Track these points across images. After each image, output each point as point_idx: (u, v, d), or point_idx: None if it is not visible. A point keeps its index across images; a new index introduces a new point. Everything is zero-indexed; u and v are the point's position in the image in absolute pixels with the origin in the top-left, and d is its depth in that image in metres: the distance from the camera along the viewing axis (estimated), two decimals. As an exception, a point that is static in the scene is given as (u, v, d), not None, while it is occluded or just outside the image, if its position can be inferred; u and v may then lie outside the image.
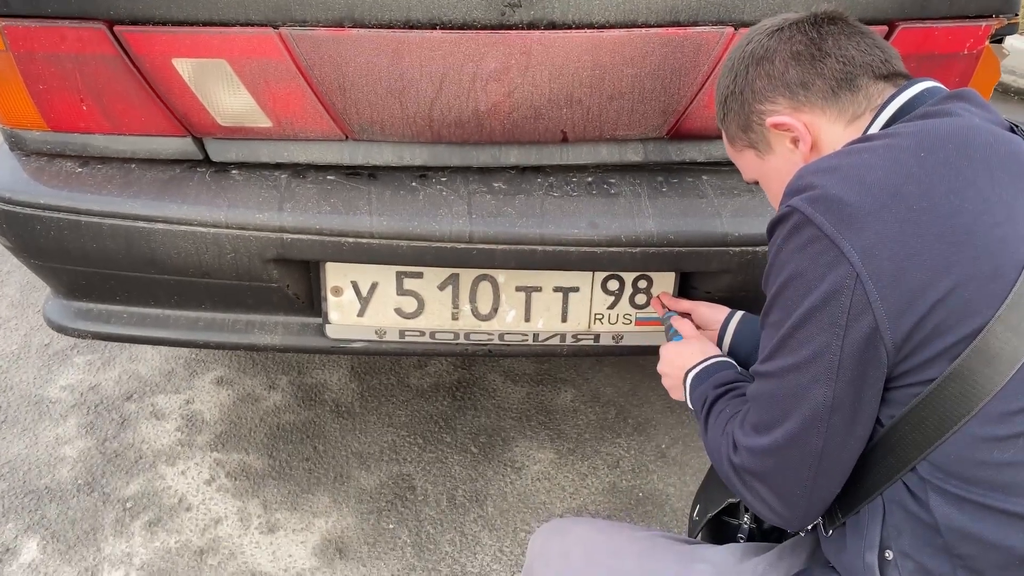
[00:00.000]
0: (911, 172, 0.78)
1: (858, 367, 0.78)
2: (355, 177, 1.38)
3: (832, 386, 0.79)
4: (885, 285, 0.75)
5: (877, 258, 0.75)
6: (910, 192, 0.77)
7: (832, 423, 0.80)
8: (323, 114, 1.31)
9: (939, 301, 0.75)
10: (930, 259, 0.75)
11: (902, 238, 0.75)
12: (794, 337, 0.80)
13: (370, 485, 1.79)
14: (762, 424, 0.85)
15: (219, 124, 1.33)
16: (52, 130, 1.37)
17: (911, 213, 0.76)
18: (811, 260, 0.78)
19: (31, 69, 1.30)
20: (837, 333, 0.77)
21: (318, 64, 1.26)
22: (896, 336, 0.76)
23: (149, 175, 1.36)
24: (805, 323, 0.79)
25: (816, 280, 0.78)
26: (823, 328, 0.78)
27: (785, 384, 0.82)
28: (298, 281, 1.41)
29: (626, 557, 1.03)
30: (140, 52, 1.27)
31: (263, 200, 1.32)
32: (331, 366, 2.15)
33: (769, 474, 0.85)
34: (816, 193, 0.79)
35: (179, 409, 2.00)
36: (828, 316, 0.77)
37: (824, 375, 0.78)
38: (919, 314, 0.75)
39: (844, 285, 0.76)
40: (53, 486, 1.78)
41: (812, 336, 0.79)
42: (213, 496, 1.76)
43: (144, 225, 1.32)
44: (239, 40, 1.25)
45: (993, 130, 0.83)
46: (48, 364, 2.15)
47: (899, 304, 0.75)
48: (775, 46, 0.95)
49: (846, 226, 0.77)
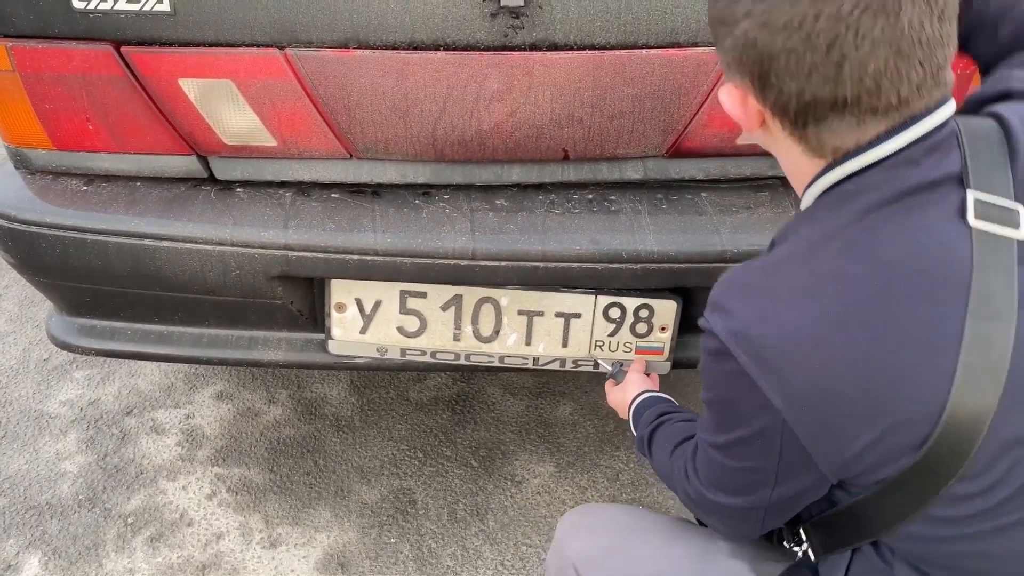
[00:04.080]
0: (834, 320, 0.73)
1: (798, 478, 0.82)
2: (359, 195, 1.39)
3: (772, 489, 0.84)
4: (811, 434, 0.76)
5: (800, 408, 0.75)
6: (832, 344, 0.73)
7: (777, 505, 0.87)
8: (328, 133, 1.33)
9: (868, 447, 0.74)
10: (853, 412, 0.73)
11: (823, 393, 0.74)
12: (734, 450, 0.85)
13: (371, 499, 1.80)
14: (715, 485, 0.91)
15: (224, 143, 1.35)
16: (58, 149, 1.38)
17: (833, 367, 0.73)
18: (738, 393, 0.79)
19: (37, 89, 1.31)
20: (773, 457, 0.81)
21: (323, 84, 1.28)
22: (831, 469, 0.78)
23: (154, 193, 1.38)
24: (741, 445, 0.83)
25: (747, 415, 0.80)
26: (758, 453, 0.82)
27: (731, 475, 0.88)
28: (302, 298, 1.42)
29: (652, 533, 1.06)
30: (146, 73, 1.28)
31: (268, 218, 1.33)
32: (331, 380, 2.16)
33: (721, 515, 0.94)
34: (735, 325, 0.77)
35: (179, 424, 2.01)
36: (761, 447, 0.81)
37: (763, 481, 0.84)
38: (851, 455, 0.75)
39: (774, 426, 0.78)
40: (54, 502, 1.78)
41: (749, 455, 0.83)
42: (215, 511, 1.77)
43: (149, 243, 1.33)
44: (245, 61, 1.27)
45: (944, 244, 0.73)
46: (47, 379, 2.15)
47: (828, 449, 0.77)
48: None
49: (768, 372, 0.75)
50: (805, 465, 0.79)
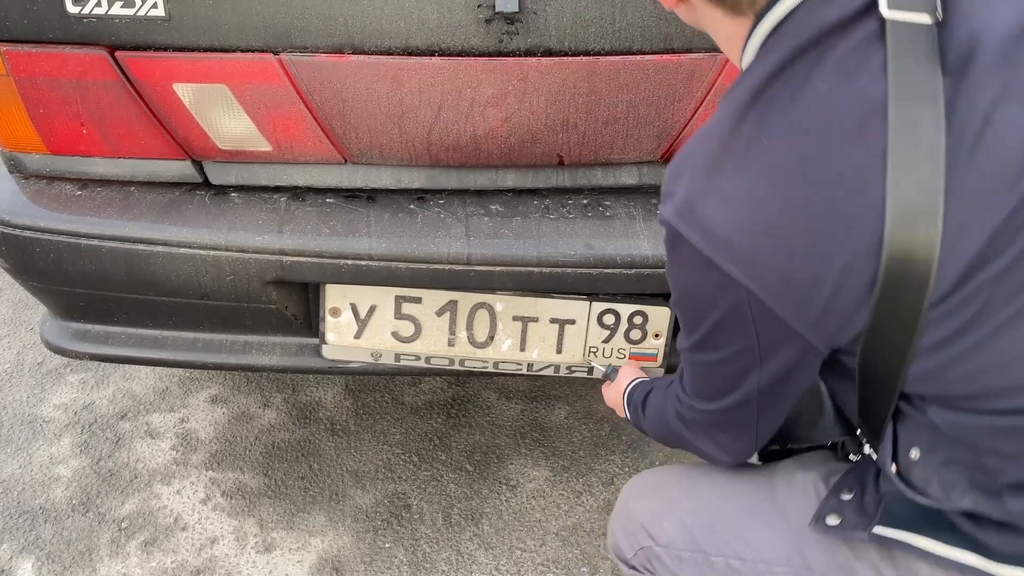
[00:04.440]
0: (770, 177, 0.73)
1: (781, 350, 0.81)
2: (354, 200, 1.39)
3: (758, 371, 0.84)
4: (776, 295, 0.75)
5: (758, 271, 0.75)
6: (772, 201, 0.73)
7: (768, 393, 0.87)
8: (323, 138, 1.33)
9: (833, 294, 0.73)
10: (807, 262, 0.73)
11: (774, 250, 0.74)
12: (711, 340, 0.85)
13: (366, 504, 1.80)
14: (703, 394, 0.93)
15: (219, 148, 1.35)
16: (52, 153, 1.38)
17: (777, 223, 0.73)
18: (699, 277, 0.79)
19: (32, 93, 1.31)
20: (749, 335, 0.80)
21: (318, 89, 1.28)
22: (807, 327, 0.77)
23: (149, 198, 1.37)
24: (716, 332, 0.83)
25: (712, 298, 0.80)
26: (735, 335, 0.82)
27: (716, 372, 0.89)
28: (296, 302, 1.42)
29: (716, 476, 1.07)
30: (141, 78, 1.28)
31: (263, 223, 1.33)
32: (325, 384, 2.16)
33: (717, 426, 0.95)
34: (679, 206, 0.77)
35: (174, 428, 2.00)
36: (736, 326, 0.80)
37: (748, 366, 0.84)
38: (821, 306, 0.74)
39: (740, 300, 0.77)
40: (48, 506, 1.78)
41: (727, 341, 0.83)
42: (209, 515, 1.76)
43: (144, 248, 1.33)
44: (240, 66, 1.27)
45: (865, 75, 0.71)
46: (41, 383, 2.15)
47: (797, 306, 0.75)
48: None
49: (719, 244, 0.75)
50: (783, 335, 0.79)
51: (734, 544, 0.99)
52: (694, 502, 1.06)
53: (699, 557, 1.02)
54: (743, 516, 1.01)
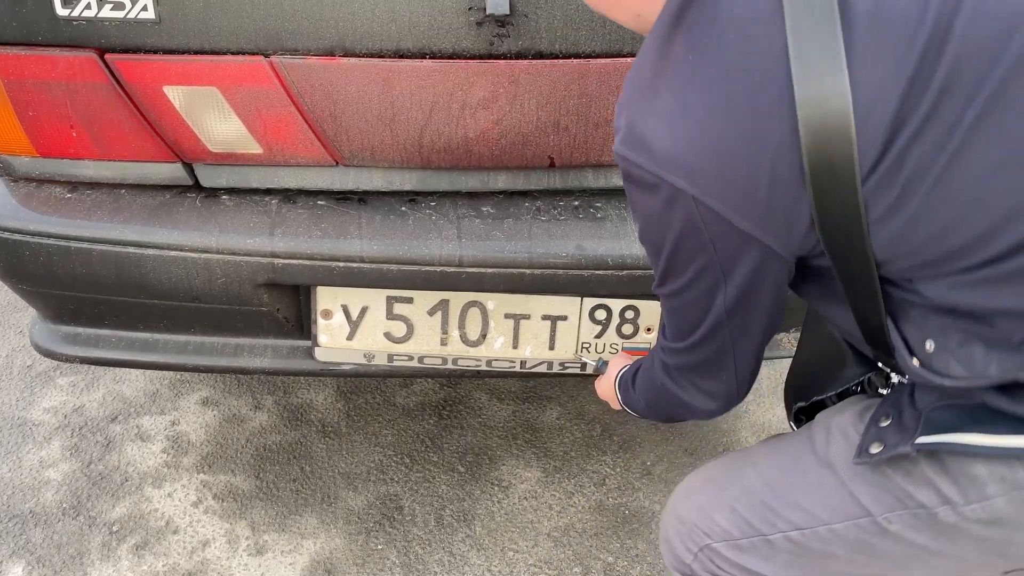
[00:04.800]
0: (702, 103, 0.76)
1: (741, 261, 0.82)
2: (345, 202, 1.39)
3: (724, 290, 0.85)
4: (719, 194, 0.77)
5: (702, 177, 0.77)
6: (699, 107, 0.76)
7: (736, 314, 0.87)
8: (314, 141, 1.33)
9: (771, 183, 0.76)
10: (742, 159, 0.75)
11: (709, 149, 0.76)
12: (674, 265, 0.86)
13: (358, 506, 1.80)
14: (679, 333, 0.94)
15: (210, 151, 1.34)
16: (41, 156, 1.37)
17: (707, 124, 0.76)
18: (652, 199, 0.81)
19: (21, 96, 1.30)
20: (707, 249, 0.81)
21: (309, 92, 1.28)
22: (756, 224, 0.78)
23: (139, 201, 1.37)
24: (677, 254, 0.84)
25: (666, 218, 0.81)
26: (695, 253, 0.83)
27: (685, 301, 0.89)
28: (288, 305, 1.42)
29: (754, 451, 1.07)
30: (131, 80, 1.28)
31: (254, 225, 1.33)
32: (317, 386, 2.15)
33: (697, 366, 0.96)
34: (624, 136, 0.81)
35: (164, 431, 2.00)
36: (693, 242, 0.82)
37: (713, 285, 0.85)
38: (763, 200, 0.76)
39: (690, 211, 0.79)
40: (38, 510, 1.77)
41: (689, 260, 0.84)
42: (200, 518, 1.76)
43: (134, 251, 1.33)
44: (230, 68, 1.26)
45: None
46: (31, 386, 2.13)
47: (741, 203, 0.77)
48: None
49: (664, 163, 0.78)
50: (739, 243, 0.80)
51: (789, 515, 0.96)
52: (740, 485, 1.03)
53: (758, 541, 0.99)
54: (790, 483, 0.97)
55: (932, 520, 0.84)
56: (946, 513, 0.83)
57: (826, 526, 0.93)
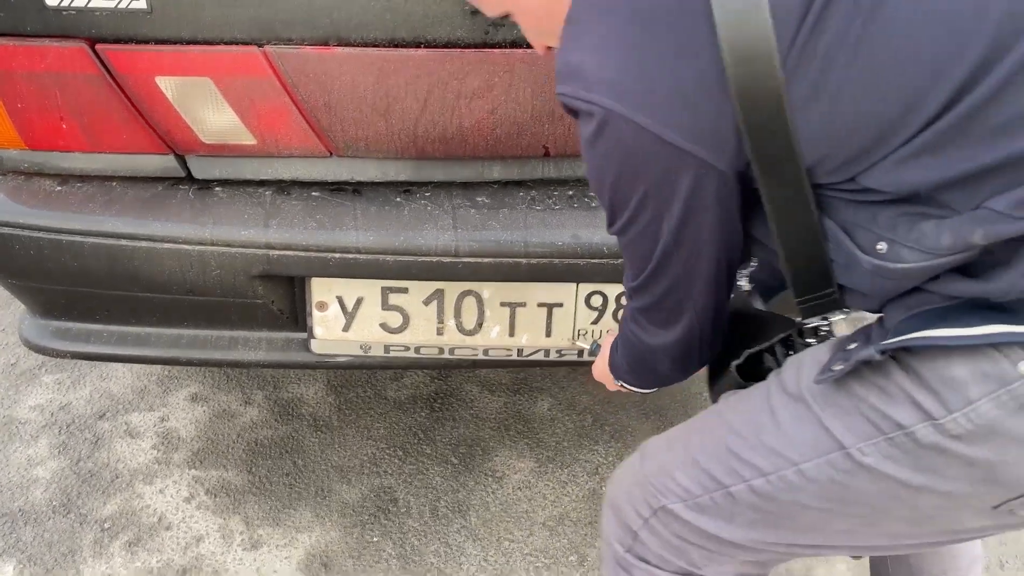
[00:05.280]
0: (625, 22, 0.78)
1: (680, 181, 0.80)
2: (340, 193, 1.39)
3: (669, 217, 0.83)
4: (649, 107, 0.77)
5: (631, 92, 0.77)
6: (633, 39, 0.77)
7: (683, 243, 0.85)
8: (308, 131, 1.32)
9: (696, 85, 0.76)
10: (666, 67, 0.76)
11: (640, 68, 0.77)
12: (617, 198, 0.85)
13: (352, 499, 1.80)
14: (634, 272, 0.93)
15: (202, 142, 1.33)
16: (30, 148, 1.36)
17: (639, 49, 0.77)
18: (587, 126, 0.81)
19: (9, 88, 1.28)
20: (647, 174, 0.81)
21: (303, 82, 1.27)
22: (688, 135, 0.77)
23: (131, 193, 1.36)
24: (619, 183, 0.83)
25: (602, 142, 0.80)
26: (634, 180, 0.82)
27: (633, 235, 0.87)
28: (283, 297, 1.41)
29: (729, 407, 0.98)
30: (122, 71, 1.26)
31: (248, 217, 1.32)
32: (307, 380, 2.14)
33: (657, 310, 0.95)
34: (563, 71, 0.82)
35: (154, 427, 1.98)
36: (631, 168, 0.81)
37: (658, 212, 0.83)
38: (691, 105, 0.76)
39: (622, 133, 0.78)
40: (27, 508, 1.75)
41: (630, 188, 0.83)
42: (193, 514, 1.75)
43: (127, 243, 1.31)
44: (224, 58, 1.25)
45: None
46: (15, 384, 2.11)
47: (671, 113, 0.77)
48: None
49: (595, 84, 0.78)
50: (675, 160, 0.78)
51: (754, 460, 0.89)
52: (702, 438, 0.97)
53: (720, 496, 0.92)
54: (758, 424, 0.90)
55: (912, 444, 0.77)
56: (926, 432, 0.76)
57: (795, 467, 0.85)
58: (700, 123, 0.77)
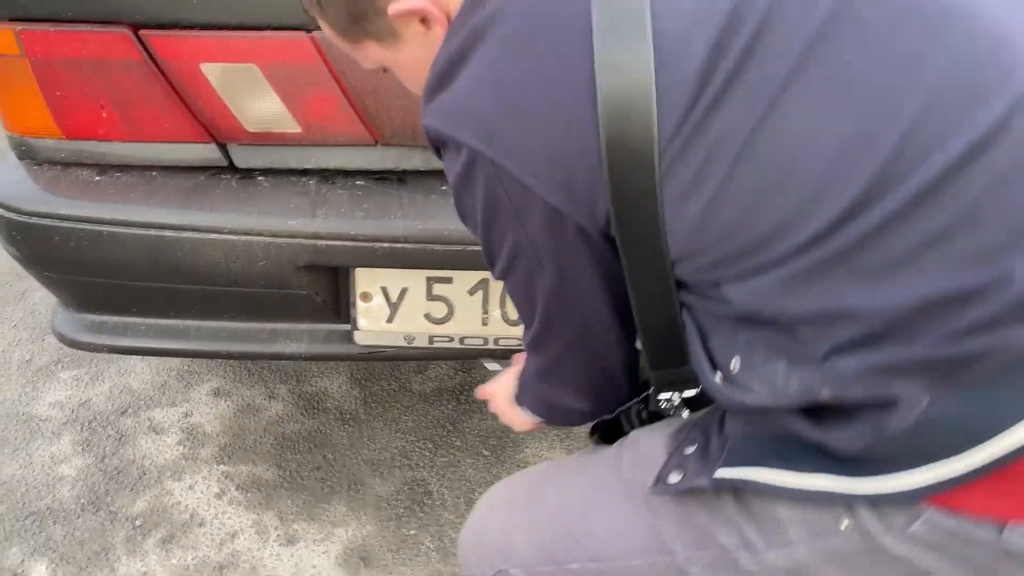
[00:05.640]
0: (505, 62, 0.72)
1: (553, 241, 0.76)
2: (384, 182, 1.37)
3: (542, 273, 0.78)
4: (518, 158, 0.71)
5: (500, 138, 0.71)
6: (509, 78, 0.72)
7: (565, 304, 0.80)
8: (354, 119, 1.30)
9: (569, 147, 0.70)
10: (541, 118, 0.71)
11: (512, 114, 0.71)
12: (489, 241, 0.80)
13: (386, 492, 1.78)
14: (524, 321, 0.87)
15: (246, 130, 1.31)
16: (67, 138, 1.33)
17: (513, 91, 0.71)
18: (453, 163, 0.76)
19: (48, 75, 1.25)
20: (515, 224, 0.75)
21: (352, 68, 1.25)
22: (556, 192, 0.72)
23: (172, 183, 1.33)
24: (488, 227, 0.78)
25: (468, 182, 0.75)
26: (503, 227, 0.76)
27: (512, 285, 0.83)
28: (326, 288, 1.39)
29: (568, 478, 0.95)
30: (166, 57, 1.23)
31: (295, 206, 1.30)
32: (330, 373, 2.12)
33: (551, 359, 0.89)
34: (429, 103, 0.77)
35: (178, 422, 1.95)
36: (499, 214, 0.75)
37: (531, 267, 0.78)
38: (561, 164, 0.71)
39: (489, 177, 0.73)
40: (55, 506, 1.71)
41: (500, 237, 0.78)
42: (225, 510, 1.72)
43: (171, 234, 1.29)
44: (271, 44, 1.23)
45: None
46: (32, 381, 2.07)
47: (541, 168, 0.71)
48: None
49: (460, 121, 0.73)
50: (544, 211, 0.73)
51: (588, 544, 0.88)
52: (542, 507, 0.94)
53: (556, 570, 0.91)
54: (593, 508, 0.90)
55: (733, 566, 0.78)
56: (746, 559, 0.77)
57: (624, 559, 0.86)
58: (574, 184, 0.72)
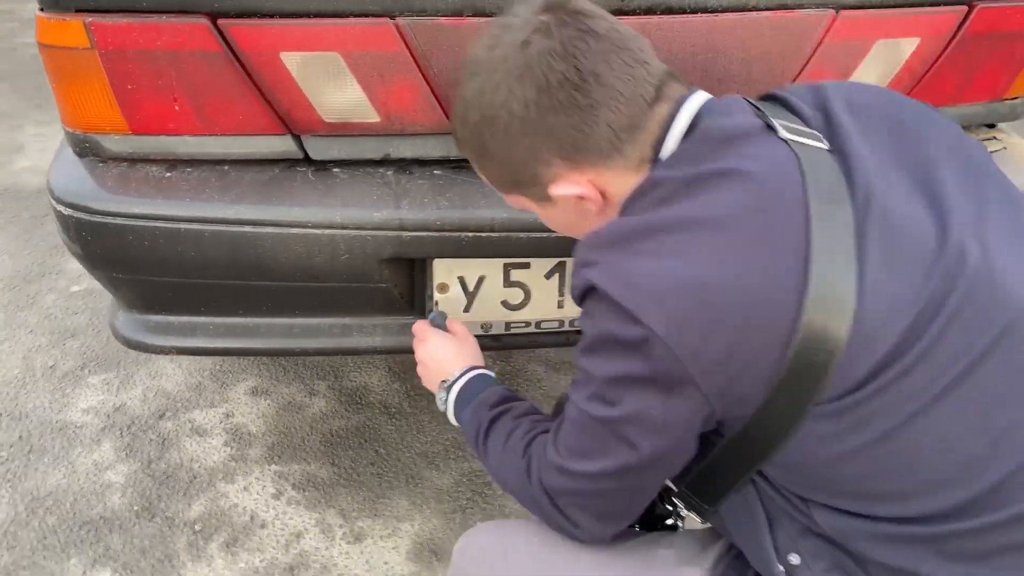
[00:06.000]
0: (709, 262, 0.73)
1: (683, 414, 0.77)
2: (460, 170, 1.34)
3: (654, 435, 0.79)
4: (694, 354, 0.73)
5: (683, 331, 0.72)
6: (712, 282, 0.73)
7: (655, 460, 0.81)
8: (435, 106, 1.28)
9: (746, 363, 0.73)
10: (732, 329, 0.73)
11: (702, 316, 0.72)
12: (614, 393, 0.79)
13: (445, 484, 1.76)
14: (582, 451, 0.84)
15: (324, 121, 1.27)
16: (134, 133, 1.28)
17: (712, 297, 0.73)
18: (620, 329, 0.75)
19: (119, 68, 1.20)
20: (652, 394, 0.76)
21: (436, 55, 1.22)
22: (714, 389, 0.75)
23: (247, 177, 1.29)
24: (622, 386, 0.78)
25: (627, 350, 0.75)
26: (643, 391, 0.77)
27: (606, 428, 0.80)
28: (404, 280, 1.37)
29: (579, 551, 0.94)
30: (246, 47, 1.19)
31: (378, 198, 1.27)
32: (368, 368, 2.09)
33: (585, 496, 0.86)
34: (609, 268, 0.77)
35: (220, 424, 1.91)
36: (642, 383, 0.76)
37: (645, 426, 0.78)
38: (732, 374, 0.74)
39: (656, 356, 0.73)
40: (108, 515, 1.66)
41: (631, 397, 0.77)
42: (285, 510, 1.69)
43: (251, 230, 1.25)
44: (354, 32, 1.20)
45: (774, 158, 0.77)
46: (60, 387, 2.00)
47: (711, 367, 0.73)
48: (529, 95, 0.81)
49: (647, 303, 0.73)
50: (689, 399, 0.75)
51: None
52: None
53: None
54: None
55: None
56: None
57: None
58: (732, 387, 0.74)
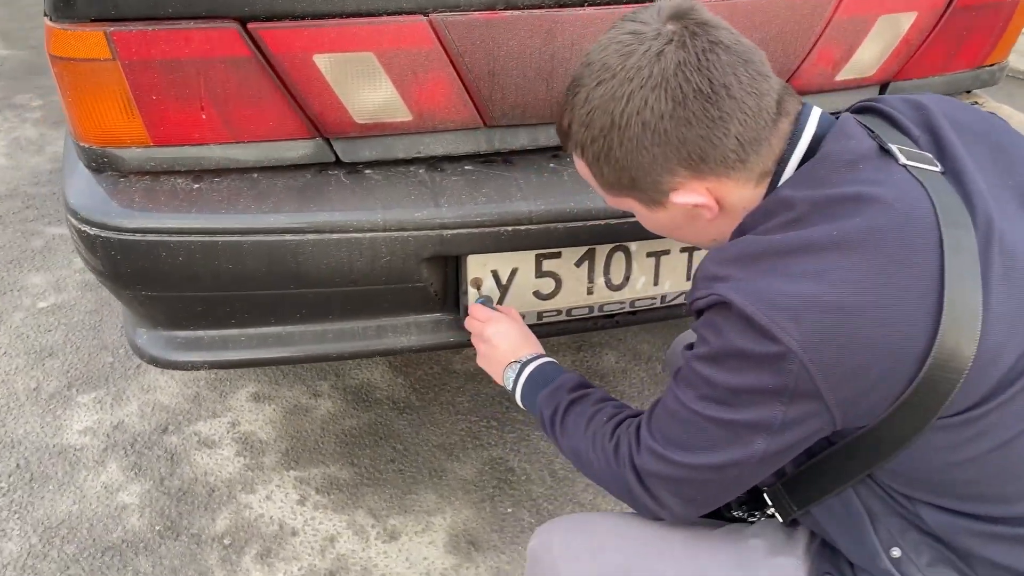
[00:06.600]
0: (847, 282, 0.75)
1: (805, 423, 0.79)
2: (492, 164, 1.35)
3: (768, 439, 0.80)
4: (827, 369, 0.75)
5: (819, 348, 0.74)
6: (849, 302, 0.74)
7: (765, 461, 0.82)
8: (467, 102, 1.27)
9: (877, 380, 0.76)
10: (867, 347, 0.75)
11: (839, 333, 0.74)
12: (736, 399, 0.80)
13: (468, 474, 1.77)
14: (683, 444, 0.85)
15: (355, 122, 1.25)
16: (156, 145, 1.23)
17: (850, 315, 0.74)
18: (751, 344, 0.76)
19: (143, 79, 1.16)
20: (782, 403, 0.78)
21: (469, 50, 1.22)
22: (841, 403, 0.77)
23: (279, 183, 1.26)
24: (746, 394, 0.79)
25: (758, 363, 0.77)
26: (768, 401, 0.78)
27: (719, 428, 0.82)
28: (440, 278, 1.36)
29: (670, 543, 0.97)
30: (278, 51, 1.16)
31: (416, 197, 1.26)
32: (369, 365, 2.07)
33: (680, 483, 0.87)
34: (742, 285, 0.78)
35: (228, 433, 1.86)
36: (772, 393, 0.77)
37: (761, 431, 0.80)
38: (862, 389, 0.76)
39: (788, 371, 0.75)
40: (130, 538, 1.61)
41: (754, 404, 0.79)
42: (313, 515, 1.67)
43: (292, 238, 1.22)
44: (388, 30, 1.18)
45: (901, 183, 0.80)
46: (49, 409, 1.92)
47: (842, 383, 0.76)
48: (665, 107, 0.82)
49: (784, 319, 0.75)
50: (815, 409, 0.77)
51: None
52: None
53: None
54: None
55: None
56: None
57: None
58: (859, 404, 0.77)
